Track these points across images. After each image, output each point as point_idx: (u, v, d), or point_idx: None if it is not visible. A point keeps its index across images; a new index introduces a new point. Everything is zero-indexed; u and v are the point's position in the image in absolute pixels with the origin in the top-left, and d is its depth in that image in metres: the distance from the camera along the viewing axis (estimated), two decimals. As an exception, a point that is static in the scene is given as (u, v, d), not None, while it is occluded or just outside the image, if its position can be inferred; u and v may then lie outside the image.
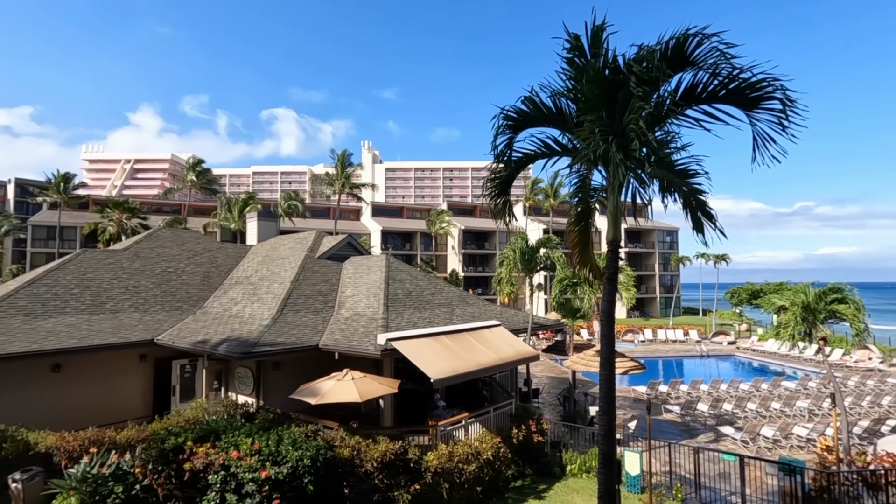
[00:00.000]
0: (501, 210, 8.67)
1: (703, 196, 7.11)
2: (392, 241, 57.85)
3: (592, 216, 8.10)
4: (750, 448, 15.30)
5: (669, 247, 62.76)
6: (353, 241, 20.64)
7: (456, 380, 11.83)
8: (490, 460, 11.63)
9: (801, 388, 21.79)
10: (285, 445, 9.24)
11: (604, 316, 7.17)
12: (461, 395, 15.77)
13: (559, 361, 29.25)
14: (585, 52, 6.71)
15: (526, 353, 14.57)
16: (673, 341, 39.53)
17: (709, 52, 6.03)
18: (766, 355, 33.35)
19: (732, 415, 18.66)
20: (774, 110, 6.05)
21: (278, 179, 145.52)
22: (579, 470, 12.75)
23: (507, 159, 8.01)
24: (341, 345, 12.69)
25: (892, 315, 56.06)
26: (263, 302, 15.22)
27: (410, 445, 10.90)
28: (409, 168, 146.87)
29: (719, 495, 11.91)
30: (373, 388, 11.17)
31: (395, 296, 15.49)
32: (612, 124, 6.60)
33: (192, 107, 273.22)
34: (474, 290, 54.77)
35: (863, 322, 13.95)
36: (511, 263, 21.99)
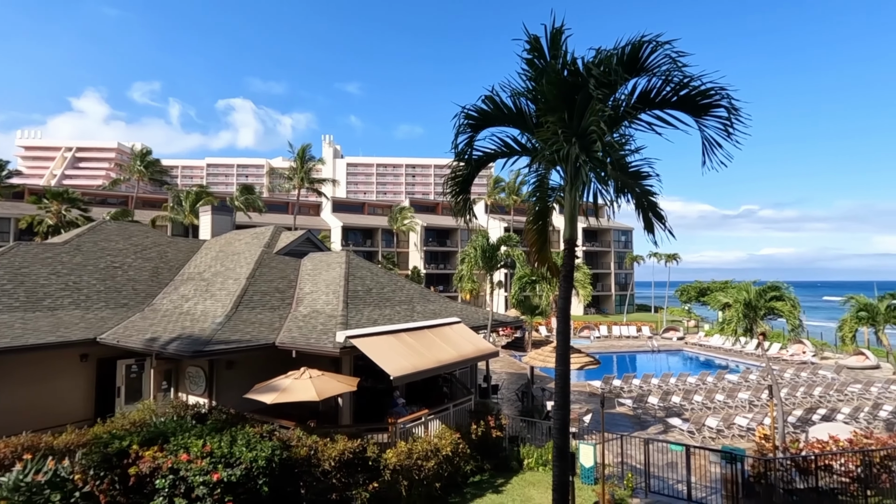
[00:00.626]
0: (461, 208, 8.72)
1: (654, 198, 7.41)
2: (353, 238, 57.11)
3: (550, 215, 8.29)
4: (696, 438, 16.08)
5: (624, 246, 64.96)
6: (313, 236, 20.22)
7: (416, 377, 11.83)
8: (449, 456, 11.71)
9: (742, 381, 23.07)
10: (239, 447, 8.98)
11: (560, 313, 7.35)
12: (421, 391, 15.79)
13: (518, 357, 29.75)
14: (545, 54, 6.84)
15: (486, 349, 14.74)
16: (627, 337, 41.01)
17: (662, 59, 6.29)
18: (712, 350, 35.18)
19: (680, 407, 19.54)
20: (721, 118, 6.38)
21: (234, 172, 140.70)
22: (536, 463, 13.03)
23: (467, 158, 8.07)
24: (299, 342, 12.43)
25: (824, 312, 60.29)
26: (217, 299, 14.70)
27: (369, 443, 10.82)
28: (371, 164, 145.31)
29: (667, 483, 12.47)
30: (331, 387, 11.02)
31: (355, 293, 15.31)
32: (571, 125, 6.77)
33: (143, 94, 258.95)
34: (436, 288, 54.86)
35: (798, 318, 14.93)
36: (472, 261, 22.17)
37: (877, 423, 17.67)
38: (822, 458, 11.49)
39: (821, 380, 23.62)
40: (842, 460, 11.62)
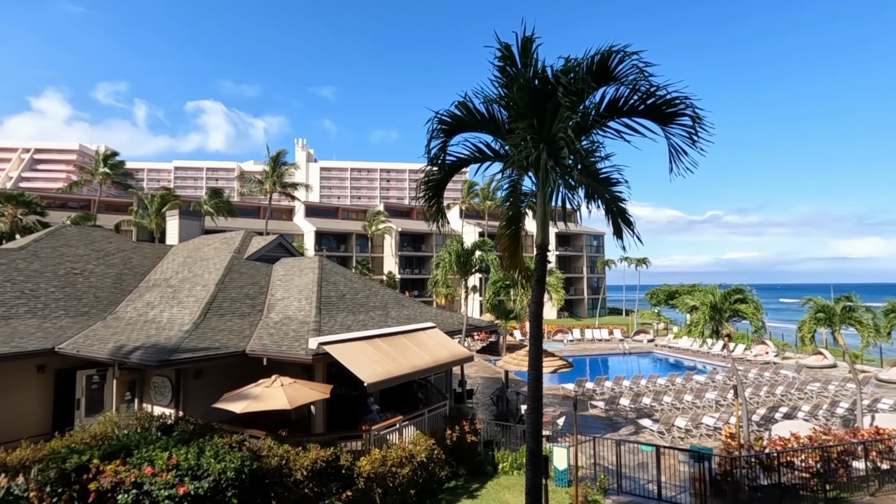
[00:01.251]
0: (435, 213, 8.73)
1: (623, 203, 7.59)
2: (326, 243, 56.41)
3: (523, 220, 8.38)
4: (665, 438, 16.44)
5: (596, 250, 66.15)
6: (285, 241, 19.90)
7: (390, 383, 11.74)
8: (424, 462, 11.64)
9: (709, 381, 23.75)
10: (207, 458, 8.71)
11: (532, 317, 7.43)
12: (396, 397, 15.68)
13: (493, 362, 29.88)
14: (516, 62, 6.94)
15: (460, 354, 14.75)
16: (599, 340, 41.69)
17: (629, 68, 6.47)
18: (681, 351, 36.10)
19: (651, 408, 19.95)
20: (686, 126, 6.60)
21: (204, 176, 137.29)
22: (511, 467, 13.07)
23: (440, 162, 8.10)
24: (270, 350, 12.19)
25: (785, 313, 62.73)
26: (184, 306, 14.28)
27: (343, 451, 10.67)
28: (345, 168, 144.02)
29: (638, 483, 12.69)
30: (303, 395, 10.82)
31: (328, 298, 15.11)
32: (542, 132, 6.88)
33: (107, 94, 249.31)
34: (411, 293, 54.65)
35: (761, 320, 15.42)
36: (447, 266, 22.20)
37: (834, 420, 18.43)
38: (784, 455, 11.91)
39: (782, 379, 24.53)
40: (802, 456, 12.08)
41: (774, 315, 51.91)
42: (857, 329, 15.55)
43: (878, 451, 12.79)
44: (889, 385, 24.49)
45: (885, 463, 12.90)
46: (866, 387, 22.64)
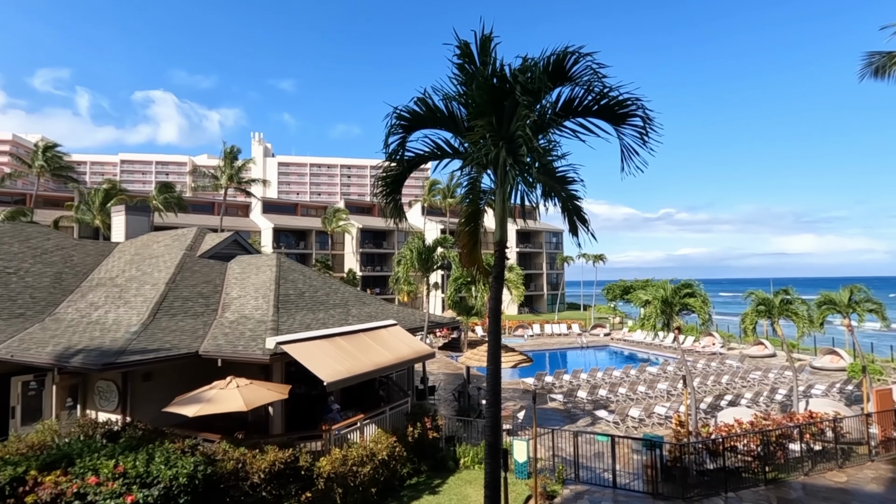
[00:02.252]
0: (392, 209, 8.69)
1: (579, 202, 7.81)
2: (285, 240, 55.06)
3: (482, 217, 8.47)
4: (620, 428, 17.05)
5: (555, 247, 67.61)
6: (241, 238, 19.28)
7: (351, 381, 11.61)
8: (385, 460, 11.61)
9: (661, 372, 24.79)
10: (157, 464, 8.36)
11: (491, 313, 7.53)
12: (357, 396, 15.54)
13: (454, 358, 30.04)
14: (475, 60, 6.99)
15: (422, 351, 14.77)
16: (558, 335, 42.74)
17: (584, 69, 6.65)
18: (635, 344, 37.51)
19: (607, 399, 20.64)
20: (637, 126, 6.85)
21: (153, 170, 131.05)
22: (472, 462, 13.23)
23: (399, 158, 8.06)
24: (225, 350, 11.80)
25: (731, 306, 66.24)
26: (132, 306, 13.61)
27: (302, 452, 10.49)
28: (304, 163, 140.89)
29: (595, 473, 13.13)
30: (260, 395, 10.55)
31: (286, 297, 14.77)
32: (500, 130, 6.97)
33: (46, 81, 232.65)
34: (372, 290, 54.17)
35: (708, 313, 16.25)
36: (408, 263, 22.13)
37: (773, 406, 19.64)
38: (728, 441, 12.60)
39: (728, 368, 25.93)
40: (745, 441, 12.82)
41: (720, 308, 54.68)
42: (794, 320, 16.61)
43: (812, 433, 13.75)
44: (822, 372, 26.33)
45: (818, 444, 13.88)
46: (802, 374, 24.26)
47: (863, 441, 14.38)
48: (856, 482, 12.49)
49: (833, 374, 25.47)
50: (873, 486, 12.24)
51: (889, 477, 12.82)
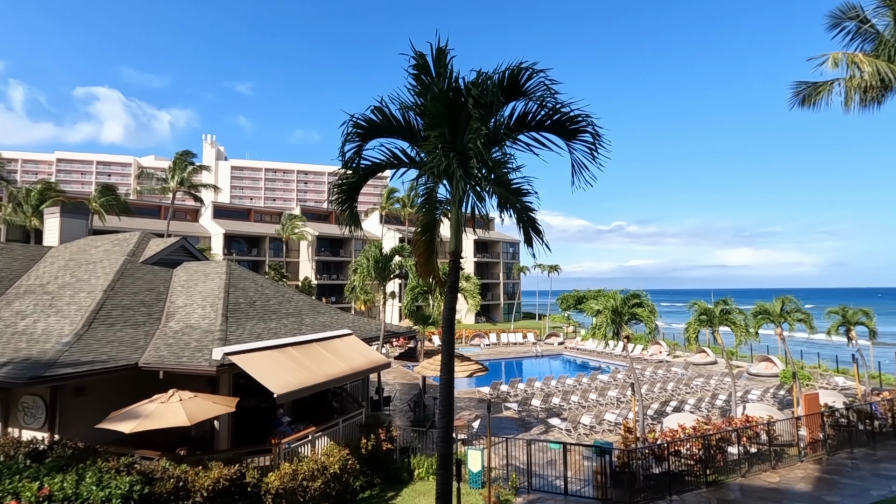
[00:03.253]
0: (348, 217, 8.60)
1: (533, 213, 8.01)
2: (237, 246, 53.20)
3: (438, 227, 8.51)
4: (572, 435, 17.41)
5: (512, 257, 68.72)
6: (188, 244, 18.47)
7: (303, 393, 11.31)
8: (337, 474, 11.33)
9: (611, 380, 25.56)
10: (87, 485, 7.82)
11: (445, 323, 7.56)
12: (309, 408, 15.13)
13: (411, 368, 29.86)
14: (431, 71, 7.08)
15: (377, 361, 14.59)
16: (514, 344, 43.30)
17: (537, 85, 6.86)
18: (587, 353, 38.54)
19: (560, 407, 21.04)
20: (587, 142, 7.13)
21: (94, 170, 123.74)
22: (426, 473, 13.11)
23: (355, 166, 8.00)
24: (168, 362, 11.23)
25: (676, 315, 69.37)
26: (64, 315, 12.72)
27: (249, 468, 10.10)
28: (259, 168, 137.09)
29: (547, 480, 13.31)
30: (205, 409, 10.09)
31: (236, 305, 14.25)
32: (454, 141, 7.06)
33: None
34: (328, 299, 53.12)
35: (655, 322, 16.94)
36: (365, 271, 21.88)
37: (714, 411, 20.64)
38: (672, 445, 13.11)
39: (673, 376, 27.06)
40: (688, 445, 13.38)
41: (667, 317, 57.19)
42: (732, 329, 17.59)
43: (748, 436, 14.53)
44: (757, 378, 27.94)
45: (754, 447, 14.68)
46: (740, 380, 25.62)
47: (793, 443, 15.33)
48: (787, 482, 13.27)
49: (767, 379, 27.08)
50: (802, 486, 13.05)
51: (816, 476, 13.71)
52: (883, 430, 16.91)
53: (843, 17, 14.72)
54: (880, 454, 15.48)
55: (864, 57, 13.90)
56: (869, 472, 13.92)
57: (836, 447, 15.79)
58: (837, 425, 16.47)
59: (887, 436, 16.82)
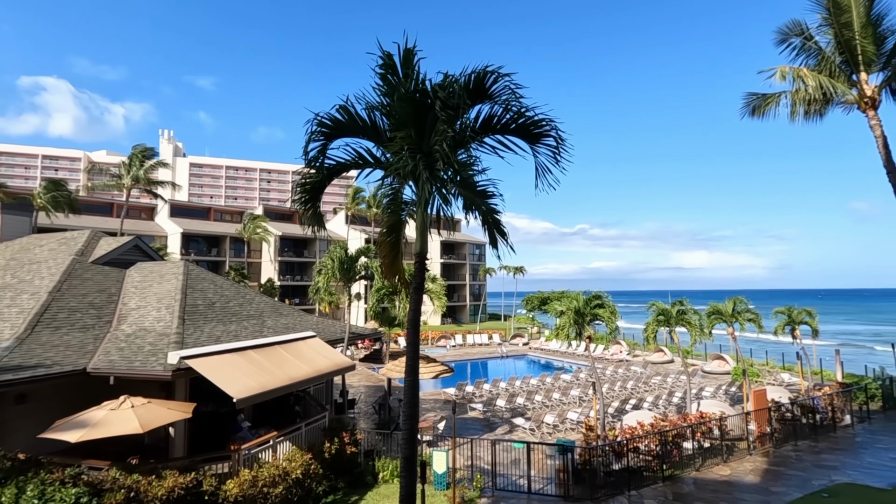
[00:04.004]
0: (311, 217, 8.45)
1: (498, 215, 8.09)
2: (195, 246, 51.36)
3: (403, 228, 8.48)
4: (536, 434, 17.67)
5: (478, 259, 69.20)
6: (143, 243, 17.71)
7: (264, 397, 11.01)
8: (300, 479, 11.11)
9: (574, 380, 26.10)
10: (28, 499, 7.37)
11: (410, 324, 7.54)
12: (271, 412, 14.77)
13: (376, 370, 29.59)
14: (398, 72, 7.06)
15: (342, 363, 14.39)
16: (480, 345, 43.58)
17: (503, 89, 6.95)
18: (551, 353, 39.22)
19: (524, 407, 21.32)
20: (551, 146, 7.27)
21: (39, 164, 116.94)
22: (391, 476, 13.02)
23: (319, 166, 7.88)
24: (119, 367, 10.72)
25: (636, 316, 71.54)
26: (4, 318, 11.95)
27: (206, 475, 9.77)
28: (219, 165, 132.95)
29: (511, 480, 13.45)
30: (159, 416, 9.69)
31: (194, 307, 13.76)
32: (421, 143, 7.07)
33: None
34: (291, 300, 52.01)
35: (615, 323, 17.44)
36: (329, 272, 21.55)
37: (671, 408, 21.38)
38: (631, 442, 13.52)
39: (633, 374, 27.89)
40: (646, 442, 13.82)
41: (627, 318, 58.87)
42: (688, 329, 18.30)
43: (702, 432, 15.13)
44: (711, 376, 29.15)
45: (707, 442, 15.31)
46: (695, 378, 26.67)
47: (743, 437, 16.07)
48: (737, 475, 13.90)
49: (720, 377, 28.30)
50: (751, 478, 13.70)
51: (764, 468, 14.42)
52: (824, 423, 17.96)
53: (789, 33, 15.63)
54: (821, 446, 16.43)
55: (809, 71, 14.79)
56: (811, 463, 14.75)
57: (782, 440, 16.66)
58: (783, 419, 17.39)
59: (828, 428, 17.88)
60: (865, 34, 14.15)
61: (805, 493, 12.50)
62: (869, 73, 14.50)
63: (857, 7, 14.11)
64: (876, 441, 17.04)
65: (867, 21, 14.11)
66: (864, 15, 14.11)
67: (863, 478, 13.58)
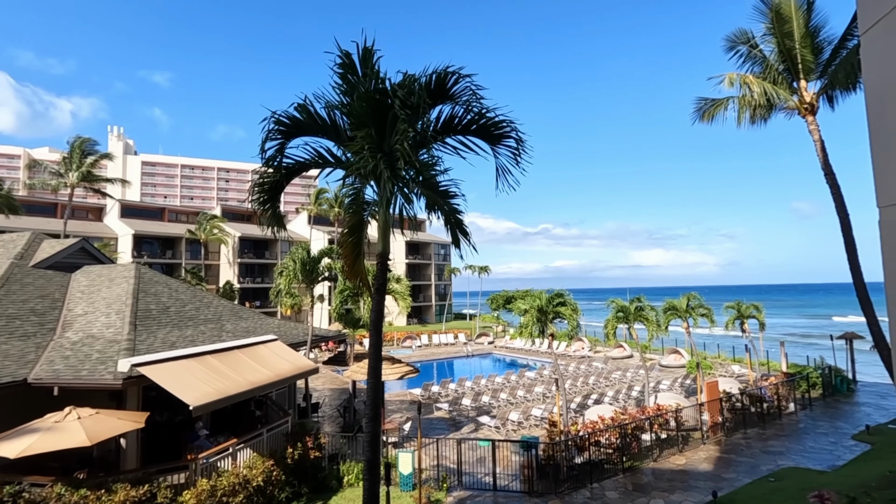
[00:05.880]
0: (270, 218, 8.25)
1: (461, 215, 8.13)
2: (148, 248, 49.18)
3: (366, 228, 8.40)
4: (501, 432, 17.86)
5: (444, 259, 69.33)
6: (90, 246, 16.82)
7: (223, 403, 10.66)
8: (261, 486, 10.84)
9: (538, 377, 26.55)
10: (-39, 521, 6.86)
11: (372, 325, 7.47)
12: (231, 419, 14.32)
13: (340, 372, 29.20)
14: (357, 71, 6.98)
15: (304, 366, 14.10)
16: (445, 344, 43.68)
17: (464, 89, 6.98)
18: (516, 351, 39.74)
19: (489, 405, 21.51)
20: (511, 147, 7.37)
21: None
22: (356, 479, 12.88)
23: (277, 165, 7.70)
24: (64, 376, 10.15)
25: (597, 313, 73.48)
26: (-67, 327, 11.10)
27: (161, 487, 9.39)
28: (174, 164, 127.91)
29: (477, 478, 13.56)
30: (108, 427, 9.22)
31: (146, 312, 13.18)
32: (381, 142, 7.01)
33: None
34: (252, 303, 50.63)
35: (577, 320, 17.87)
36: (291, 274, 21.09)
37: (630, 402, 22.08)
38: (592, 436, 13.87)
39: (594, 370, 28.63)
40: (607, 435, 14.21)
41: (588, 315, 60.44)
42: (646, 324, 18.95)
43: (659, 424, 15.70)
44: (668, 369, 30.27)
45: (664, 433, 15.89)
46: (652, 372, 27.65)
47: (697, 427, 16.78)
48: (692, 464, 14.50)
49: (676, 370, 29.42)
50: (705, 466, 14.32)
51: (716, 457, 15.10)
52: (770, 411, 18.98)
53: (737, 41, 16.42)
54: (768, 433, 17.36)
55: (754, 78, 15.58)
56: (759, 450, 15.55)
57: (733, 429, 17.50)
58: (734, 409, 18.26)
59: (774, 416, 18.90)
60: (805, 44, 15.04)
61: (753, 478, 13.17)
62: (808, 81, 15.42)
63: (798, 18, 14.98)
64: (816, 427, 18.15)
65: (806, 31, 15.00)
66: (803, 26, 14.99)
67: (805, 461, 14.44)
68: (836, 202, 14.21)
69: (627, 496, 12.28)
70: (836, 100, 15.51)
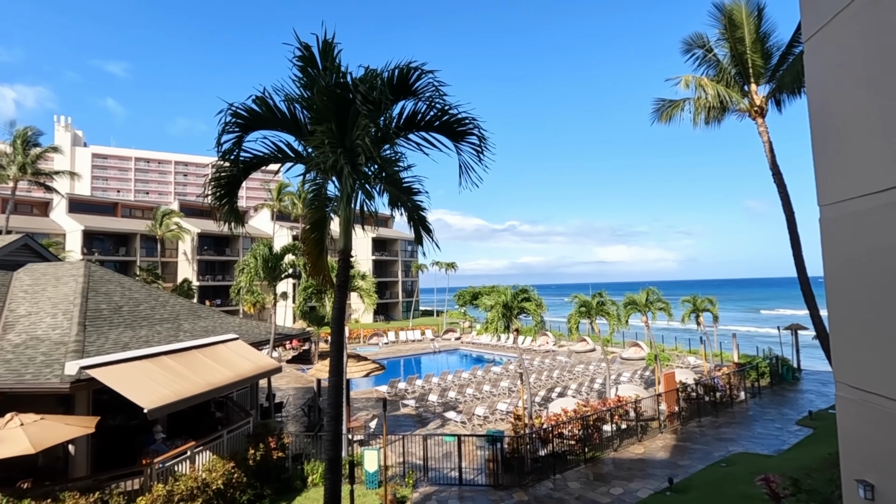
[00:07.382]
0: (227, 213, 8.02)
1: (424, 212, 8.12)
2: (100, 245, 46.86)
3: (328, 225, 8.27)
4: (467, 427, 18.02)
5: (410, 255, 69.10)
6: (34, 242, 15.92)
7: (180, 405, 10.30)
8: (221, 490, 10.56)
9: (504, 371, 26.89)
10: None
11: (334, 323, 7.37)
12: (190, 421, 13.88)
13: (305, 371, 28.72)
14: (317, 64, 6.84)
15: (266, 366, 13.82)
16: (412, 341, 43.63)
17: (427, 85, 6.95)
18: (482, 346, 40.12)
19: (456, 401, 21.64)
20: (474, 144, 7.39)
21: None
22: (320, 479, 12.71)
23: (234, 158, 7.47)
24: (5, 381, 9.60)
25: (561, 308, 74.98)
26: None
27: (113, 495, 9.03)
28: (127, 157, 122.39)
29: (443, 473, 13.63)
30: (55, 433, 8.78)
31: (97, 312, 12.59)
32: (343, 137, 6.91)
33: None
34: (212, 302, 49.08)
35: (541, 315, 18.19)
36: (252, 271, 20.56)
37: (592, 394, 22.66)
38: (556, 428, 14.17)
39: (558, 364, 29.22)
40: (569, 427, 14.55)
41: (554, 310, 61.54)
42: (607, 318, 19.47)
43: (619, 415, 16.19)
44: (629, 362, 31.23)
45: (624, 423, 16.40)
46: (614, 365, 28.44)
47: (655, 417, 17.40)
48: (650, 452, 15.03)
49: (636, 362, 30.40)
50: (662, 454, 14.87)
51: (673, 445, 15.71)
52: (723, 400, 19.88)
53: (693, 44, 17.02)
54: (721, 421, 18.18)
55: (709, 81, 16.19)
56: (713, 437, 16.28)
57: (689, 418, 18.24)
58: (689, 399, 19.04)
59: (726, 405, 19.81)
60: (755, 49, 15.74)
61: (707, 464, 13.78)
62: (758, 85, 16.15)
63: (749, 24, 15.65)
64: (765, 414, 19.14)
65: (757, 37, 15.70)
66: (754, 31, 15.68)
67: (754, 447, 15.21)
68: (782, 201, 14.95)
69: (589, 486, 12.63)
70: (783, 103, 16.32)
